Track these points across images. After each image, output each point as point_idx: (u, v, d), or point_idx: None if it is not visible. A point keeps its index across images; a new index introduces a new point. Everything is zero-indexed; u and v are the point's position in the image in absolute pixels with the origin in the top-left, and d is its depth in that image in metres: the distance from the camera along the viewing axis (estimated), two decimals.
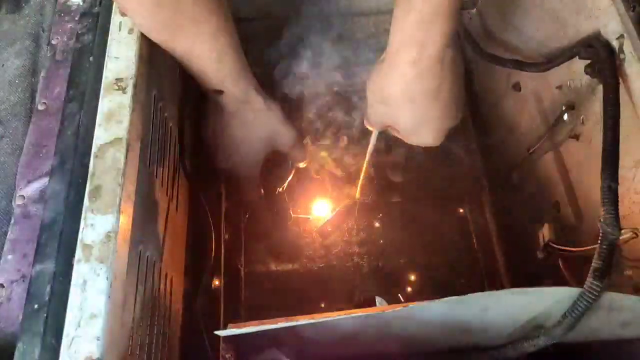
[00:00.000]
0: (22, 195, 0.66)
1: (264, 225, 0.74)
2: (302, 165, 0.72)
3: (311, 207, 0.76)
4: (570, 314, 0.42)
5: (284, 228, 0.75)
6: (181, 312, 0.61)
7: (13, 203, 0.65)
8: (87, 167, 0.42)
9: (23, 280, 0.60)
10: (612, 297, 0.43)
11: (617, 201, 0.44)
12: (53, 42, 0.64)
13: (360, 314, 0.43)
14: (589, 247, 0.49)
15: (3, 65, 0.75)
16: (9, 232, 0.63)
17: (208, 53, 0.53)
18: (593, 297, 0.41)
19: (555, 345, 0.46)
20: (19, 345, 0.43)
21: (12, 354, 0.44)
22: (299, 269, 0.72)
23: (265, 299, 0.69)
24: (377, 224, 0.76)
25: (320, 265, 0.72)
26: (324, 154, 0.80)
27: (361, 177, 0.73)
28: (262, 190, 0.70)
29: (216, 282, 0.68)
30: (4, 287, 0.60)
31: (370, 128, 0.59)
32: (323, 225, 0.75)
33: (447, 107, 0.51)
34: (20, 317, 0.47)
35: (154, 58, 0.55)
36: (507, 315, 0.47)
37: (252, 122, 0.60)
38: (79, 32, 0.63)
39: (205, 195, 0.68)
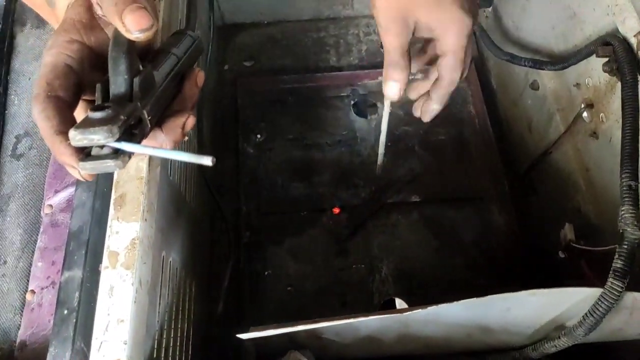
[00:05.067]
0: (50, 205, 0.68)
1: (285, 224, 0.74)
2: None
3: (331, 208, 0.77)
4: (592, 314, 0.42)
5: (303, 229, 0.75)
6: (204, 315, 0.62)
7: (41, 212, 0.67)
8: (112, 176, 0.44)
9: (52, 287, 0.62)
10: (634, 297, 0.43)
11: (638, 200, 0.44)
12: None
13: (380, 316, 0.44)
14: (610, 247, 0.48)
15: (30, 79, 0.78)
16: (38, 241, 0.66)
17: None
18: (614, 297, 0.41)
19: (577, 345, 0.46)
20: (51, 349, 0.45)
21: (45, 356, 0.46)
22: (319, 271, 0.72)
23: (286, 302, 0.70)
24: (396, 225, 0.76)
25: (340, 268, 0.73)
26: (339, 155, 0.81)
27: (380, 154, 0.66)
28: None
29: (238, 286, 0.70)
30: (34, 293, 0.62)
31: (384, 45, 0.48)
32: (343, 227, 0.75)
33: None
34: (51, 322, 0.49)
35: None
36: (528, 316, 0.47)
37: None
38: None
39: (225, 201, 0.69)
